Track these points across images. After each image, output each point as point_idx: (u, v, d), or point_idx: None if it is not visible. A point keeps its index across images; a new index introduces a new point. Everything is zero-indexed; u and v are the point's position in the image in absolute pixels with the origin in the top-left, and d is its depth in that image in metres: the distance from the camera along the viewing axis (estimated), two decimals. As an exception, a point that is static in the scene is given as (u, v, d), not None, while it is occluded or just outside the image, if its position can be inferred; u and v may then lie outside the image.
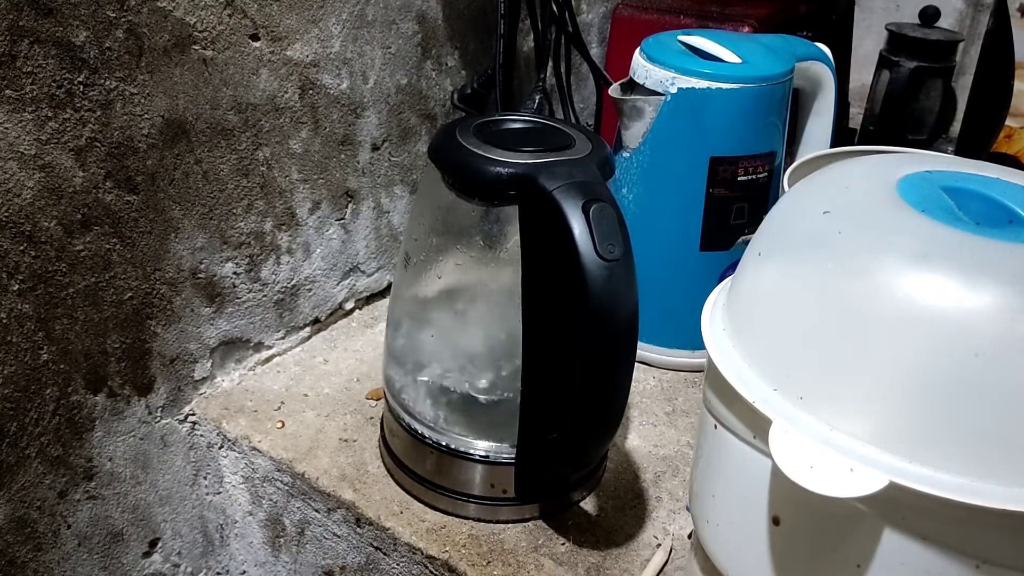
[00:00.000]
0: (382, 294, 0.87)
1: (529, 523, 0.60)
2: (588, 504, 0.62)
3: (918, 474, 0.35)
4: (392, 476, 0.64)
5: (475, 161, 0.52)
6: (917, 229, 0.38)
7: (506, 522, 0.60)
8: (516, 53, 0.92)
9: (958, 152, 1.00)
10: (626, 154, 0.71)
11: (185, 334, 0.67)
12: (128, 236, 0.60)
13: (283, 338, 0.77)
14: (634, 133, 0.70)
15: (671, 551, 0.59)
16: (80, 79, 0.54)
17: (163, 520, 0.71)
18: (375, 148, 0.79)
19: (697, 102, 0.67)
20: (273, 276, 0.73)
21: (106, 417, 0.63)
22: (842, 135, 0.97)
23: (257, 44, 0.65)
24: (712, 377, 0.44)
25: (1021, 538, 0.35)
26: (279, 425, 0.68)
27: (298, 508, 0.66)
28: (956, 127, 1.07)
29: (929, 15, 1.05)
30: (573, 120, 0.98)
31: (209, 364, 0.70)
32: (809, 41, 0.78)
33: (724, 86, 0.67)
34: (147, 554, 0.71)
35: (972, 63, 1.03)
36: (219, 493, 0.73)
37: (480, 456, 0.59)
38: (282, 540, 0.70)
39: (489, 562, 0.57)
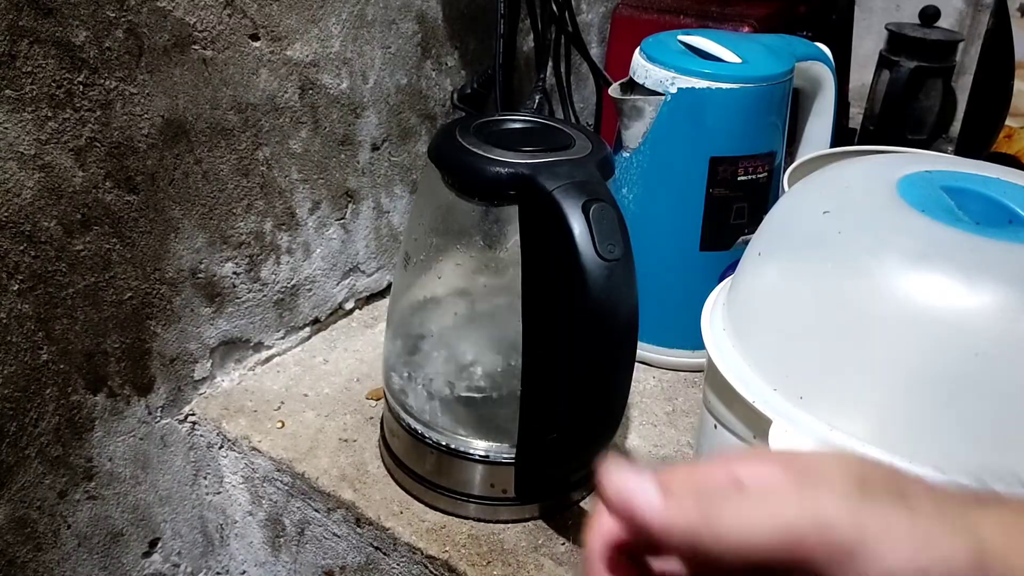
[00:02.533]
0: (382, 294, 0.87)
1: (529, 523, 0.60)
2: (588, 504, 0.62)
3: (918, 474, 0.35)
4: (392, 476, 0.63)
5: (475, 161, 0.52)
6: (917, 229, 0.38)
7: (506, 522, 0.60)
8: (516, 53, 0.92)
9: (958, 152, 1.00)
10: (626, 154, 0.71)
11: (185, 334, 0.67)
12: (128, 236, 0.60)
13: (283, 338, 0.77)
14: (634, 133, 0.70)
15: (671, 551, 0.58)
16: (80, 79, 0.54)
17: (163, 520, 0.71)
18: (375, 148, 0.79)
19: (697, 102, 0.67)
20: (273, 276, 0.73)
21: (106, 417, 0.63)
22: (842, 135, 0.97)
23: (257, 44, 0.65)
24: (712, 377, 0.44)
25: (1021, 538, 0.34)
26: (279, 425, 0.68)
27: (298, 508, 0.66)
28: (956, 127, 1.07)
29: (929, 15, 1.05)
30: (573, 120, 0.98)
31: (209, 364, 0.70)
32: (809, 41, 0.78)
33: (724, 86, 0.67)
34: (147, 554, 0.71)
35: (972, 63, 1.03)
36: (219, 493, 0.73)
37: (480, 456, 0.59)
38: (282, 540, 0.70)
39: (489, 562, 0.57)
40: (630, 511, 0.24)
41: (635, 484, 0.24)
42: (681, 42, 0.72)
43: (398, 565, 0.61)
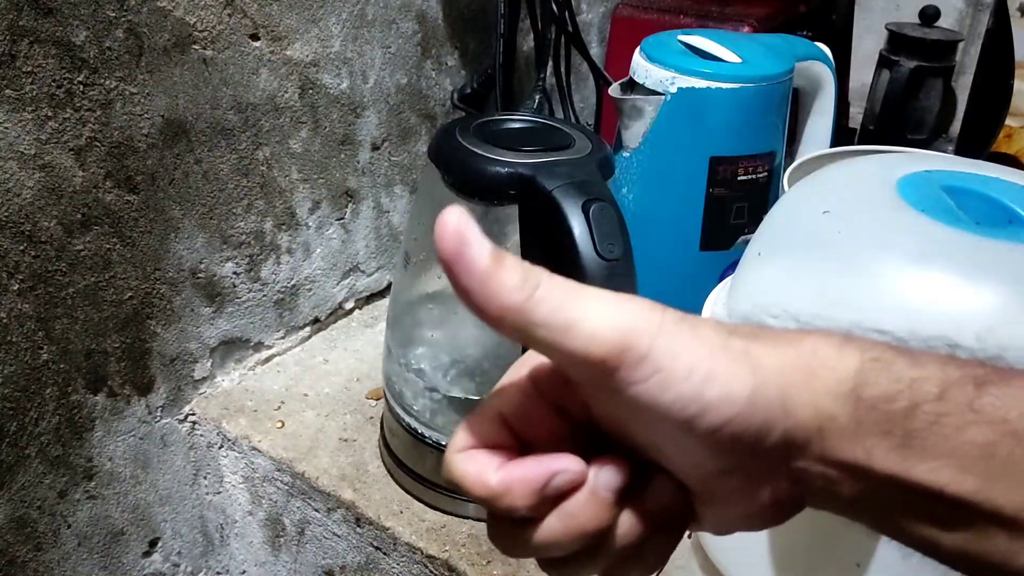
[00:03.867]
0: (382, 294, 0.87)
1: (529, 523, 0.60)
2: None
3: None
4: (392, 476, 0.64)
5: (475, 161, 0.52)
6: (917, 229, 0.38)
7: (506, 522, 0.60)
8: (516, 53, 0.92)
9: (958, 152, 1.00)
10: (626, 154, 0.71)
11: (185, 334, 0.67)
12: (128, 236, 0.60)
13: (283, 338, 0.77)
14: (634, 133, 0.70)
15: (671, 551, 0.58)
16: (80, 79, 0.54)
17: (163, 520, 0.71)
18: (375, 148, 0.79)
19: (697, 102, 0.67)
20: (273, 276, 0.73)
21: (106, 417, 0.63)
22: (842, 135, 0.97)
23: (257, 44, 0.65)
24: (712, 377, 0.44)
25: (1021, 538, 0.34)
26: (279, 425, 0.68)
27: (298, 508, 0.66)
28: (956, 127, 1.07)
29: (929, 15, 1.05)
30: (573, 120, 0.98)
31: (209, 364, 0.70)
32: (809, 41, 0.78)
33: (724, 86, 0.67)
34: (147, 554, 0.71)
35: (972, 63, 1.03)
36: (219, 493, 0.73)
37: (480, 456, 0.59)
38: (282, 540, 0.70)
39: (489, 561, 0.57)
40: (457, 255, 0.24)
41: (473, 236, 0.24)
42: (681, 42, 0.72)
43: (398, 565, 0.61)
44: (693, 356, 0.24)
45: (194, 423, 0.70)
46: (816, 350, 0.25)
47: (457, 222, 0.24)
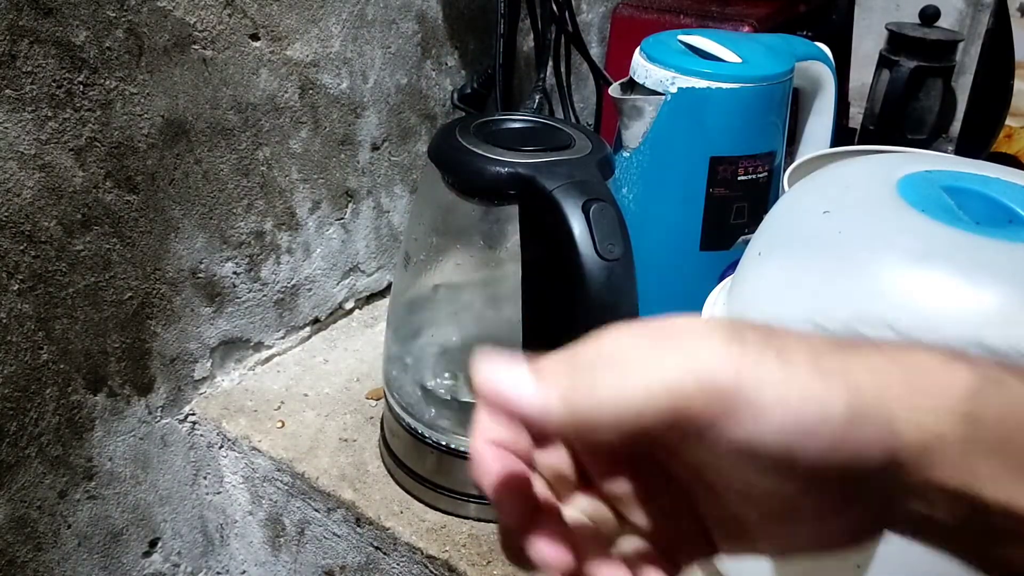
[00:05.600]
0: (382, 294, 0.87)
1: (529, 523, 0.60)
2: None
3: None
4: (392, 476, 0.63)
5: (475, 161, 0.52)
6: (917, 229, 0.38)
7: (506, 522, 0.60)
8: (516, 53, 0.92)
9: (958, 152, 1.00)
10: (626, 154, 0.71)
11: (185, 334, 0.67)
12: (128, 236, 0.60)
13: (283, 338, 0.77)
14: (634, 133, 0.70)
15: (671, 551, 0.58)
16: (80, 79, 0.54)
17: (163, 520, 0.71)
18: (375, 148, 0.79)
19: (697, 102, 0.67)
20: (273, 276, 0.73)
21: (106, 417, 0.63)
22: (842, 135, 0.97)
23: (257, 44, 0.65)
24: (712, 377, 0.44)
25: (1021, 538, 0.34)
26: (279, 425, 0.68)
27: (298, 508, 0.66)
28: (956, 127, 1.07)
29: (929, 15, 1.05)
30: (573, 120, 0.98)
31: (209, 364, 0.70)
32: (809, 41, 0.78)
33: (724, 86, 0.67)
34: (147, 554, 0.71)
35: (972, 63, 1.03)
36: (219, 493, 0.73)
37: (480, 456, 0.59)
38: (282, 540, 0.70)
39: (489, 562, 0.57)
40: (504, 401, 0.23)
41: (507, 373, 0.23)
42: (681, 42, 0.72)
43: (398, 565, 0.61)
44: (784, 387, 0.22)
45: (194, 423, 0.70)
46: (921, 365, 0.23)
47: (488, 374, 0.23)
